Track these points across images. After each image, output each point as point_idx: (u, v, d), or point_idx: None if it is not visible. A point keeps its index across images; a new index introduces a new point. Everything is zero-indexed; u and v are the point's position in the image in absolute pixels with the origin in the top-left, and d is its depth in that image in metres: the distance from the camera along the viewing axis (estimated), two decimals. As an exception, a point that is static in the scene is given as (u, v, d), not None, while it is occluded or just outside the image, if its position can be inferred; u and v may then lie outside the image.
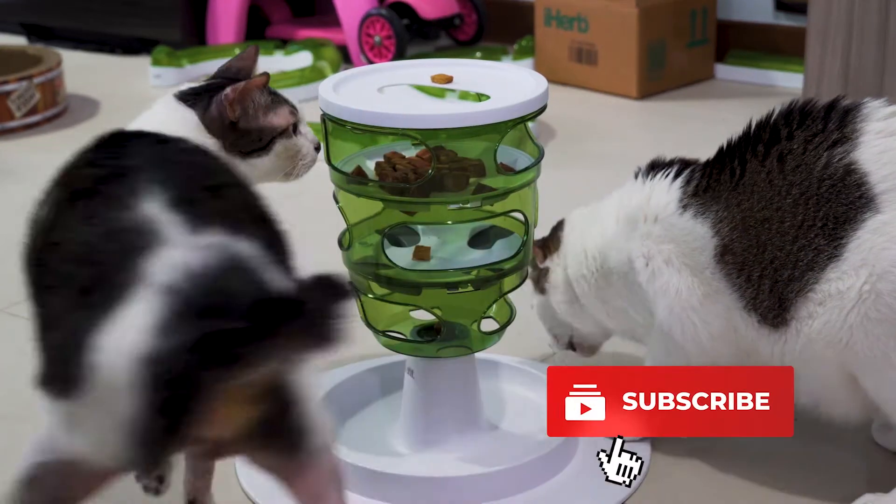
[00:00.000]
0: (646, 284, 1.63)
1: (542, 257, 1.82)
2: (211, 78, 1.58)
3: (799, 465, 1.66)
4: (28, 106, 3.28)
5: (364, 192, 1.57)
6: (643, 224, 1.64)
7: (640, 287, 1.64)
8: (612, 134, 3.20)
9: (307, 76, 3.46)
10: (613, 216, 1.71)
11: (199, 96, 1.50)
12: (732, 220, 1.54)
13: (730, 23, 3.66)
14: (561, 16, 3.56)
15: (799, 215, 1.49)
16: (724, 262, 1.55)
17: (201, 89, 1.52)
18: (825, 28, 2.88)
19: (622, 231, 1.68)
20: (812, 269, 1.48)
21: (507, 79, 1.64)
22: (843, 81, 2.90)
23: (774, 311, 1.51)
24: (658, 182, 1.66)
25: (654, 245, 1.62)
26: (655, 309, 1.63)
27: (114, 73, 3.89)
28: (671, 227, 1.61)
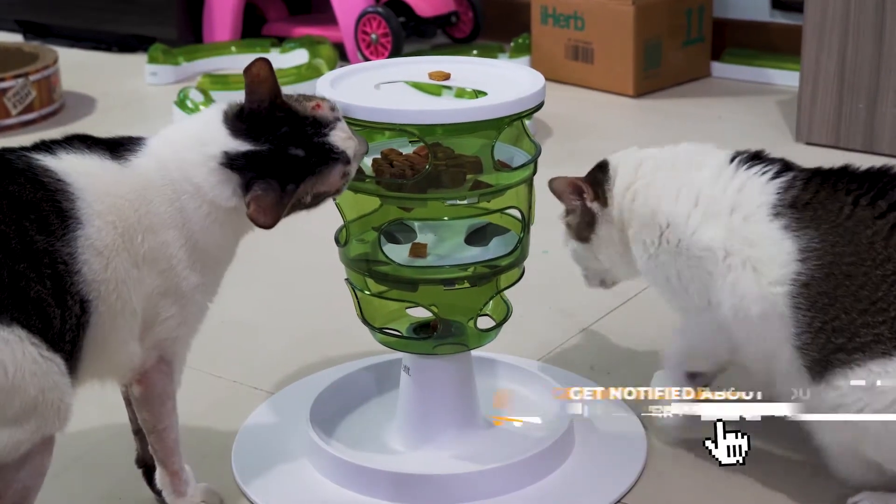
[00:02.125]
0: (716, 275, 1.55)
1: (593, 195, 1.69)
2: (246, 105, 1.46)
3: (797, 465, 1.66)
4: (24, 103, 3.28)
5: (361, 189, 1.57)
6: (729, 216, 1.55)
7: (707, 273, 1.57)
8: (609, 132, 3.20)
9: (303, 74, 3.46)
10: (694, 193, 1.60)
11: (248, 163, 1.43)
12: (821, 258, 1.46)
13: (726, 21, 3.66)
14: (557, 14, 3.56)
15: (879, 293, 1.42)
16: (798, 292, 1.47)
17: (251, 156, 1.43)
18: (821, 26, 2.89)
19: (703, 213, 1.58)
20: (863, 352, 1.41)
21: (504, 76, 1.64)
22: (838, 79, 2.90)
23: (817, 365, 1.45)
24: (755, 176, 1.56)
25: (736, 243, 1.53)
26: (718, 300, 1.56)
27: (110, 70, 3.89)
28: (757, 232, 1.52)
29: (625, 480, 1.63)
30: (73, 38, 4.13)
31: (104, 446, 1.77)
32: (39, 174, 1.36)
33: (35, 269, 1.31)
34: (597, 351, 1.98)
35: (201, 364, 1.98)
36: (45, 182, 1.35)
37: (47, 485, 1.67)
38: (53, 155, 1.40)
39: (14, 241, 1.30)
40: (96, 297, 1.37)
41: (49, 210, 1.34)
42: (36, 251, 1.31)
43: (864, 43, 2.84)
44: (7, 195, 1.33)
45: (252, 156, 1.42)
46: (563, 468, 1.66)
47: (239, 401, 1.87)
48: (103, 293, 1.37)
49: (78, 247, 1.34)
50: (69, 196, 1.36)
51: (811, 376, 1.46)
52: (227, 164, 1.42)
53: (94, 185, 1.39)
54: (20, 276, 1.29)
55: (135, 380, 1.50)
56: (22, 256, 1.30)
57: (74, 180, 1.37)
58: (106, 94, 3.58)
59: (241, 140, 1.42)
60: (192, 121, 1.53)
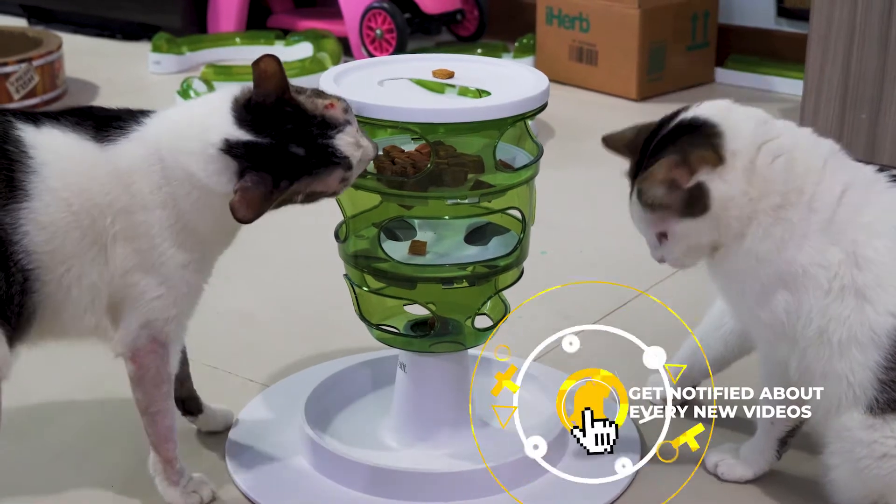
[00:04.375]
0: (822, 296, 1.46)
1: (688, 175, 1.46)
2: (253, 97, 1.44)
3: (789, 468, 1.66)
4: (27, 88, 3.27)
5: (362, 185, 1.57)
6: (859, 236, 1.45)
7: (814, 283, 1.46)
8: (611, 134, 3.20)
9: (307, 67, 3.46)
10: (834, 198, 1.46)
11: (250, 152, 1.42)
12: None
13: (731, 27, 3.66)
14: (562, 15, 3.56)
15: None
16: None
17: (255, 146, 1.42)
18: (826, 35, 2.89)
19: (830, 223, 1.45)
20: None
21: (508, 76, 1.64)
22: (842, 89, 2.90)
23: (892, 405, 1.43)
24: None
25: (848, 264, 1.44)
26: (806, 315, 1.47)
27: (113, 58, 3.88)
28: (879, 255, 1.43)
29: (618, 483, 1.63)
30: (77, 24, 4.13)
31: (97, 433, 1.77)
32: (7, 143, 1.41)
33: None
34: (594, 351, 1.98)
35: (196, 354, 1.98)
36: (7, 151, 1.40)
37: (40, 472, 1.67)
38: (36, 126, 1.44)
39: None
40: (39, 267, 1.41)
41: (1, 179, 1.39)
42: None
43: (869, 53, 2.84)
44: None
45: (251, 146, 1.41)
46: (557, 468, 1.66)
47: (233, 393, 1.87)
48: (48, 264, 1.41)
49: (19, 218, 1.39)
50: (26, 168, 1.40)
51: (874, 409, 1.43)
52: (227, 151, 1.42)
53: (58, 163, 1.42)
54: None
55: (127, 357, 1.51)
56: None
57: (38, 154, 1.41)
58: (109, 81, 3.58)
59: (244, 130, 1.42)
60: (201, 103, 1.52)
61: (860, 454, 1.44)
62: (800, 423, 1.59)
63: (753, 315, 1.52)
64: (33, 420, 1.81)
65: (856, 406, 1.44)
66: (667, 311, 2.16)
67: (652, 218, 1.51)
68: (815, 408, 1.48)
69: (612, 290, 2.19)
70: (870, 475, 1.44)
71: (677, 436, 1.74)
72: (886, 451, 1.42)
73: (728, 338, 1.71)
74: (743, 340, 1.69)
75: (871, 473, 1.44)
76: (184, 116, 1.48)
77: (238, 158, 1.41)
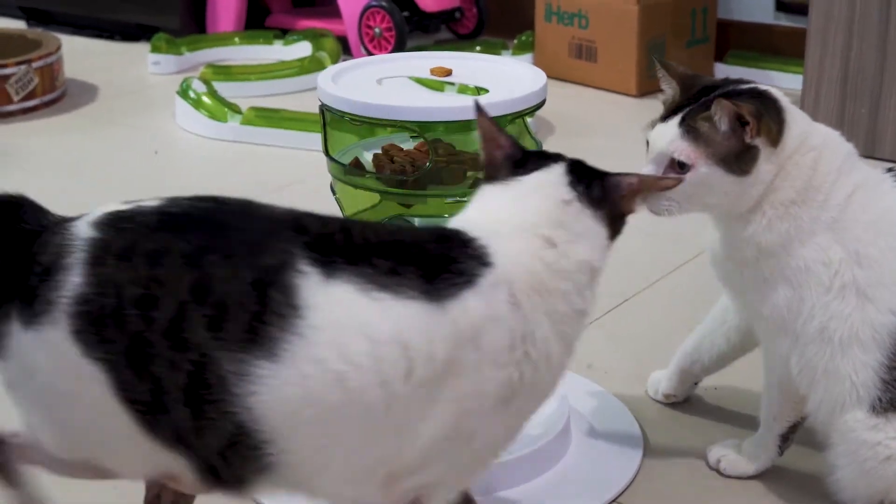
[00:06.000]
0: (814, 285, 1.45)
1: (755, 132, 1.43)
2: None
3: (791, 465, 1.66)
4: (26, 90, 3.27)
5: (361, 184, 1.57)
6: (862, 234, 1.44)
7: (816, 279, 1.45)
8: (611, 131, 3.20)
9: (306, 66, 3.46)
10: (843, 197, 1.45)
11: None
12: None
13: (730, 22, 3.66)
14: (561, 11, 3.56)
15: None
16: None
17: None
18: (825, 29, 2.89)
19: (836, 221, 1.45)
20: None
21: (507, 73, 1.64)
22: (842, 83, 2.90)
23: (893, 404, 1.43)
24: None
25: (848, 262, 1.44)
26: (809, 311, 1.46)
27: (113, 59, 3.88)
28: (881, 254, 1.42)
29: (620, 480, 1.63)
30: (76, 25, 4.13)
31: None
32: (273, 286, 1.10)
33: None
34: (595, 349, 1.98)
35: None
36: (270, 297, 1.10)
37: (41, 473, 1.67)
38: (325, 274, 1.11)
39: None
40: (269, 435, 1.12)
41: (242, 320, 1.10)
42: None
43: (868, 47, 2.84)
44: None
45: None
46: (558, 466, 1.66)
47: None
48: (287, 437, 1.13)
49: (250, 374, 1.09)
50: (287, 326, 1.09)
51: (877, 409, 1.43)
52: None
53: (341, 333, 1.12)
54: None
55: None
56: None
57: (313, 317, 1.10)
58: (108, 82, 3.58)
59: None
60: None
61: (865, 456, 1.44)
62: (802, 419, 1.59)
63: (755, 309, 1.52)
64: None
65: (859, 405, 1.44)
66: (666, 307, 2.17)
67: (684, 145, 1.44)
68: (818, 406, 1.48)
69: (611, 286, 2.19)
70: (875, 477, 1.44)
71: (679, 434, 1.75)
72: (891, 454, 1.42)
73: (730, 334, 1.71)
74: (745, 337, 1.68)
75: (876, 475, 1.43)
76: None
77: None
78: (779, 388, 1.56)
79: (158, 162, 2.95)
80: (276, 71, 3.46)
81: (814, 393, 1.48)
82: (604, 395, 1.83)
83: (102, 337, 1.10)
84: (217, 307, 1.08)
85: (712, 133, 1.43)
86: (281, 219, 1.16)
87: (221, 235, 1.13)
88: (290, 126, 3.00)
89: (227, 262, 1.10)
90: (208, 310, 1.08)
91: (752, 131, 1.42)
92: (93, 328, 1.10)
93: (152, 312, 1.09)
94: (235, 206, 1.19)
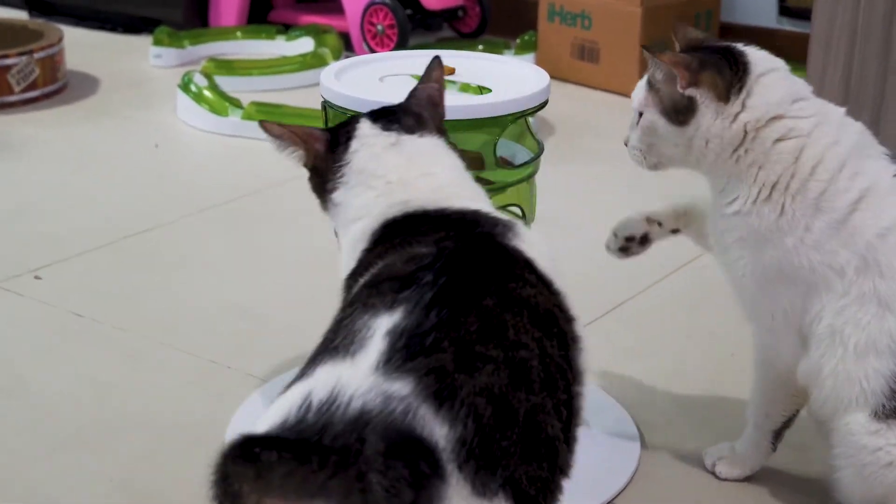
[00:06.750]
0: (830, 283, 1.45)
1: (687, 82, 1.46)
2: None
3: (789, 466, 1.66)
4: (27, 81, 3.27)
5: (362, 181, 1.57)
6: (878, 242, 1.43)
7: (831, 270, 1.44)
8: (612, 132, 3.19)
9: (308, 62, 3.46)
10: (848, 202, 1.44)
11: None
12: None
13: (733, 26, 3.66)
14: (564, 12, 3.56)
15: None
16: None
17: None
18: (828, 34, 2.88)
19: (842, 224, 1.44)
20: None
21: (509, 73, 1.64)
22: (844, 89, 2.90)
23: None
24: None
25: (871, 268, 1.43)
26: (817, 309, 1.46)
27: (115, 51, 3.88)
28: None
29: (617, 481, 1.63)
30: (78, 16, 4.12)
31: (95, 428, 1.77)
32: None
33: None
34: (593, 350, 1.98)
35: (196, 349, 1.98)
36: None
37: (38, 466, 1.67)
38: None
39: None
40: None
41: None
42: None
43: (871, 53, 2.84)
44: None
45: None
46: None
47: (233, 387, 1.87)
48: None
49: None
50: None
51: (878, 414, 1.43)
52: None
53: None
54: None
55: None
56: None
57: None
58: (110, 74, 3.58)
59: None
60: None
61: (865, 460, 1.43)
62: (794, 414, 1.60)
63: (754, 298, 1.51)
64: (33, 415, 1.81)
65: (862, 409, 1.44)
66: (663, 310, 2.16)
67: (641, 95, 1.51)
68: (822, 404, 1.48)
69: (610, 287, 2.19)
70: (874, 482, 1.44)
71: (676, 436, 1.75)
72: (892, 460, 1.42)
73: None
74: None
75: (876, 481, 1.43)
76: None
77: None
78: (773, 384, 1.56)
79: (159, 155, 2.95)
80: (278, 66, 3.45)
81: (817, 390, 1.48)
82: (601, 396, 1.83)
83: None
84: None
85: (658, 83, 1.49)
86: None
87: None
88: (292, 122, 2.99)
89: None
90: None
91: (682, 81, 1.45)
92: None
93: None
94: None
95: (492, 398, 1.00)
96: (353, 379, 0.99)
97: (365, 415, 0.95)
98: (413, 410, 0.96)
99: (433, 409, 0.97)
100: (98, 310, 2.12)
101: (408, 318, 1.03)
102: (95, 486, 1.63)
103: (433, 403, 0.97)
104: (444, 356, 1.00)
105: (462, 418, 0.98)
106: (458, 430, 0.98)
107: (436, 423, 0.97)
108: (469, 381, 1.00)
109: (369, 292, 1.10)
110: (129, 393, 1.87)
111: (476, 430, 0.98)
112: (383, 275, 1.12)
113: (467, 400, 0.99)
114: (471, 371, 1.01)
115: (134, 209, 2.59)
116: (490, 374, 1.01)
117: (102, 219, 2.53)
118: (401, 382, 0.98)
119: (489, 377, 1.01)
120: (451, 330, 1.02)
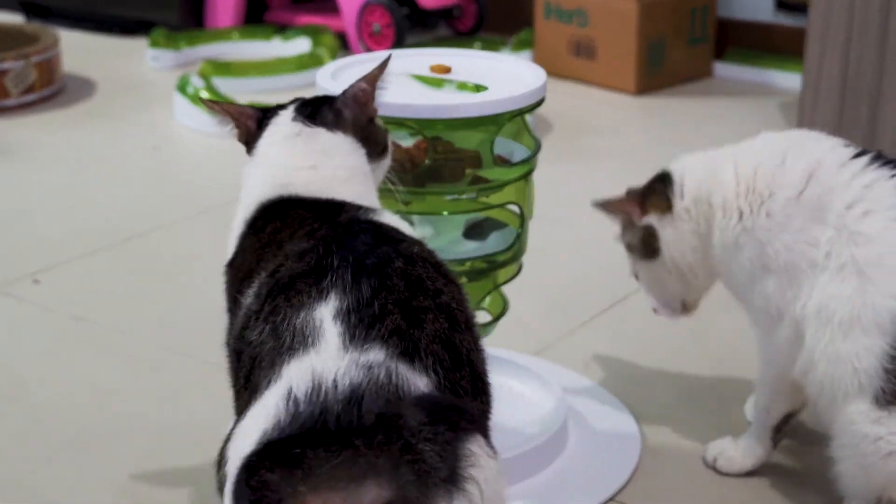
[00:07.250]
0: (807, 268, 1.47)
1: (640, 213, 1.62)
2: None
3: (790, 465, 1.66)
4: (24, 84, 3.27)
5: (360, 181, 1.57)
6: (845, 210, 1.46)
7: (805, 260, 1.48)
8: (610, 129, 3.20)
9: (305, 62, 3.46)
10: (809, 168, 1.50)
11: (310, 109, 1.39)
12: None
13: (730, 21, 3.66)
14: (561, 9, 3.55)
15: None
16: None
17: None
18: (825, 28, 2.88)
19: (800, 209, 1.49)
20: None
21: (506, 71, 1.64)
22: (841, 83, 2.90)
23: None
24: (882, 177, 1.47)
25: (844, 242, 1.45)
26: (804, 296, 1.48)
27: (111, 54, 3.88)
28: (877, 235, 1.43)
29: (618, 478, 1.63)
30: (74, 19, 4.13)
31: (95, 431, 1.77)
32: None
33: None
34: (592, 348, 1.98)
35: (196, 351, 1.98)
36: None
37: (39, 469, 1.67)
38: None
39: None
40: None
41: None
42: None
43: (868, 46, 2.84)
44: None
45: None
46: (555, 465, 1.66)
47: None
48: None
49: None
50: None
51: (880, 400, 1.42)
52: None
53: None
54: None
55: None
56: None
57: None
58: (107, 77, 3.58)
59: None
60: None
61: (866, 450, 1.43)
62: (795, 410, 1.60)
63: (750, 302, 1.55)
64: (34, 418, 1.81)
65: (862, 396, 1.43)
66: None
67: (630, 261, 1.68)
68: (820, 394, 1.48)
69: (609, 284, 2.19)
70: (875, 472, 1.43)
71: (677, 433, 1.75)
72: (892, 450, 1.41)
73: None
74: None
75: (877, 470, 1.43)
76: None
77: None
78: (774, 380, 1.57)
79: (157, 157, 2.95)
80: (275, 67, 3.46)
81: (812, 374, 1.47)
82: (601, 393, 1.83)
83: None
84: None
85: (626, 238, 1.67)
86: None
87: None
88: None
89: None
90: None
91: (636, 215, 1.64)
92: None
93: None
94: None
95: (443, 343, 1.09)
96: (327, 363, 1.03)
97: (356, 390, 1.00)
98: (393, 372, 1.03)
99: (407, 365, 1.05)
100: (97, 313, 2.12)
101: (346, 298, 1.09)
102: (96, 489, 1.63)
103: (405, 360, 1.05)
104: (395, 317, 1.08)
105: (431, 367, 1.07)
106: (433, 380, 1.06)
107: (415, 377, 1.04)
108: (422, 333, 1.08)
109: (286, 296, 1.12)
110: (129, 396, 1.87)
111: (444, 375, 1.07)
112: (284, 278, 1.15)
113: (429, 349, 1.08)
114: (419, 324, 1.09)
115: (133, 211, 2.59)
116: (433, 322, 1.10)
117: (101, 222, 2.53)
118: (373, 352, 1.04)
119: (433, 325, 1.10)
120: (387, 294, 1.09)
